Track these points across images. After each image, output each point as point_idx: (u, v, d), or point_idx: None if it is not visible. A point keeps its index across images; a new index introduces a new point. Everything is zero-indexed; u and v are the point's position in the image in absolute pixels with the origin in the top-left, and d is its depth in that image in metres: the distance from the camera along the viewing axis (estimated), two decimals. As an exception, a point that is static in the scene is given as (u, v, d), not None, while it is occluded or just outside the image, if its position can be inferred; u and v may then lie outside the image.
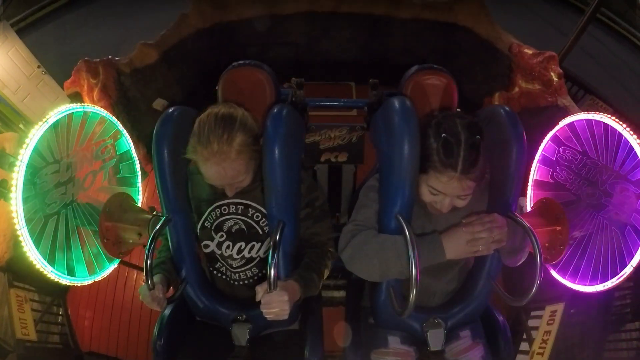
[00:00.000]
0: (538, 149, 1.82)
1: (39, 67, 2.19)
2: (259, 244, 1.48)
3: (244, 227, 1.47)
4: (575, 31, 3.06)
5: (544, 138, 1.79)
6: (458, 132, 1.22)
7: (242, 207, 1.46)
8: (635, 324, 2.54)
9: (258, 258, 1.50)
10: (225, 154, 1.27)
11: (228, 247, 1.49)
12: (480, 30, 3.25)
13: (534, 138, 1.77)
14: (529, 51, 3.08)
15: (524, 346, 2.65)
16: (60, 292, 2.42)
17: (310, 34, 3.56)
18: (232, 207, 1.47)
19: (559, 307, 2.58)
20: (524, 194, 1.84)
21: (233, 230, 1.48)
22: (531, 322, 2.88)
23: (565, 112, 2.90)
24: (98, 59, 3.09)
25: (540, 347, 2.58)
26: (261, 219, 1.46)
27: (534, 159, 1.83)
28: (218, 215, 1.48)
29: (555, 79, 3.01)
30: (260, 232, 1.47)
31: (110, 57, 3.17)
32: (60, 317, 2.47)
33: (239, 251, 1.48)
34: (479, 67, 3.49)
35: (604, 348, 2.55)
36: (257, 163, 1.39)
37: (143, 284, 1.35)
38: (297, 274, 1.39)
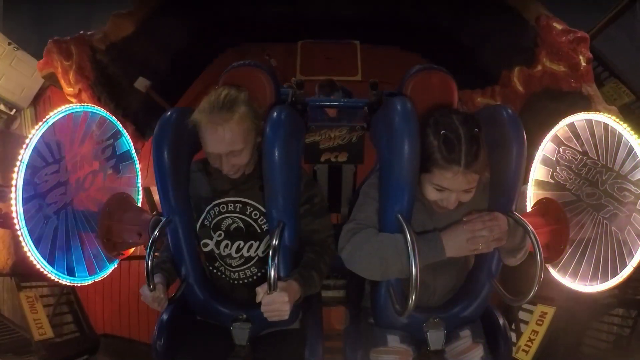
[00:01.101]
0: (538, 149, 1.82)
1: (9, 44, 2.00)
2: (257, 242, 1.48)
3: (242, 225, 1.47)
4: (613, 10, 2.71)
5: (554, 127, 1.76)
6: (456, 127, 1.23)
7: (240, 205, 1.47)
8: (618, 310, 2.56)
9: (257, 257, 1.50)
10: (227, 117, 1.33)
11: (226, 246, 1.49)
12: None
13: (549, 122, 1.73)
14: (559, 26, 2.66)
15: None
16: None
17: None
18: (231, 205, 1.48)
19: (550, 311, 2.59)
20: (525, 191, 1.84)
21: (231, 228, 1.48)
22: (521, 314, 2.90)
23: (588, 102, 2.67)
24: (69, 37, 2.75)
25: (526, 345, 2.61)
26: (259, 217, 1.47)
27: (534, 159, 1.83)
28: (217, 213, 1.48)
29: (583, 63, 2.66)
30: (259, 231, 1.47)
31: (82, 32, 2.82)
32: (72, 305, 2.48)
33: (238, 250, 1.49)
34: (501, 35, 3.05)
35: (586, 334, 2.56)
36: (257, 142, 1.41)
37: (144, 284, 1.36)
38: (297, 273, 1.39)
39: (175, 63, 3.32)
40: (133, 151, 1.93)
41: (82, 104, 1.68)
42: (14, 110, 1.84)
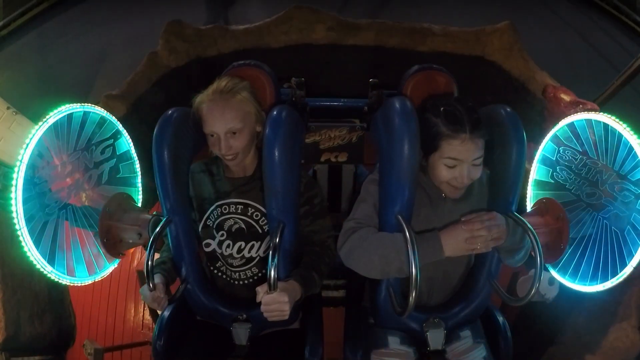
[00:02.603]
0: (538, 148, 1.82)
1: (8, 108, 2.01)
2: (259, 243, 1.49)
3: (243, 226, 1.48)
4: (624, 73, 2.50)
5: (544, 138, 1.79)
6: (453, 103, 1.31)
7: (242, 206, 1.48)
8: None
9: (258, 257, 1.50)
10: (228, 97, 1.39)
11: (228, 246, 1.49)
12: (511, 67, 2.69)
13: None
14: (567, 97, 2.47)
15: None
16: (60, 348, 2.26)
17: (308, 67, 2.84)
18: (232, 207, 1.49)
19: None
20: (524, 194, 1.84)
21: (233, 229, 1.49)
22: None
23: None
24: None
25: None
26: (260, 218, 1.48)
27: (534, 159, 1.83)
28: (219, 214, 1.49)
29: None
30: (260, 232, 1.48)
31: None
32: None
33: (239, 250, 1.49)
34: None
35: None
36: (256, 131, 1.45)
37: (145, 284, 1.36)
38: (297, 273, 1.40)
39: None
40: (133, 151, 1.93)
41: (82, 104, 1.68)
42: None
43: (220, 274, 1.55)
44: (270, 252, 1.27)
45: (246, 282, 1.53)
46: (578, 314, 1.89)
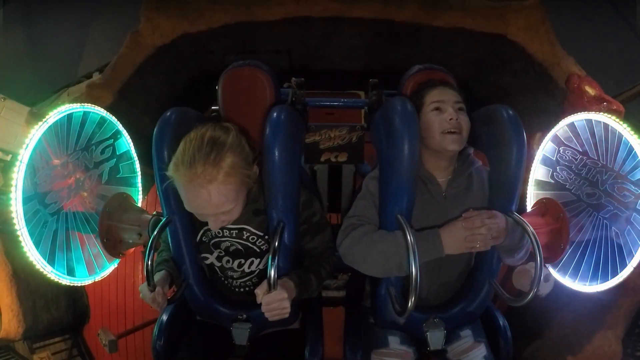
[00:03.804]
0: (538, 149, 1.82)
1: None
2: (259, 259, 1.47)
3: (241, 248, 1.44)
4: None
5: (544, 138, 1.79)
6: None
7: (236, 231, 1.41)
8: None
9: (258, 270, 1.49)
10: (211, 176, 1.13)
11: (228, 261, 1.47)
12: (535, 50, 2.40)
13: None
14: (591, 91, 2.21)
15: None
16: (76, 327, 2.32)
17: (308, 41, 2.65)
18: (226, 232, 1.41)
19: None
20: (524, 194, 1.84)
21: (230, 250, 1.45)
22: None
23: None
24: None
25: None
26: (257, 240, 1.43)
27: (533, 159, 1.83)
28: (214, 235, 1.44)
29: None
30: (258, 251, 1.45)
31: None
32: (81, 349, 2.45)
33: (239, 265, 1.47)
34: (524, 95, 2.60)
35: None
36: (249, 191, 1.30)
37: (144, 282, 1.33)
38: (294, 272, 1.38)
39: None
40: (133, 151, 1.93)
41: (82, 104, 1.68)
42: (10, 156, 1.87)
43: (221, 278, 1.54)
44: (270, 252, 1.27)
45: (246, 289, 1.52)
46: (567, 313, 1.88)
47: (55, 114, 1.54)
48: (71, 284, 1.63)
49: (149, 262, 1.30)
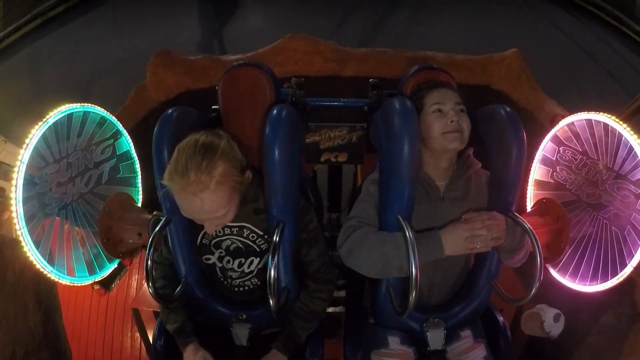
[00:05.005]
0: (538, 149, 1.82)
1: None
2: (258, 258, 1.47)
3: (241, 245, 1.45)
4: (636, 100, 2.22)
5: (544, 138, 1.79)
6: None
7: (237, 228, 1.42)
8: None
9: (257, 270, 1.49)
10: (203, 184, 1.17)
11: (228, 261, 1.48)
12: (518, 97, 2.58)
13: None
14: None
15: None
16: None
17: (306, 96, 2.45)
18: (227, 230, 1.43)
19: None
20: (524, 194, 1.84)
21: (231, 248, 1.46)
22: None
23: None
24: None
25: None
26: (257, 239, 1.44)
27: (534, 159, 1.83)
28: (215, 235, 1.45)
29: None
30: (258, 250, 1.46)
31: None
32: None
33: (240, 265, 1.48)
34: None
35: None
36: (242, 196, 1.32)
37: (190, 347, 1.42)
38: (279, 340, 1.47)
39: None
40: (133, 151, 1.93)
41: (82, 104, 1.68)
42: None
43: (220, 278, 1.54)
44: (270, 251, 1.26)
45: (245, 289, 1.53)
46: (582, 352, 1.86)
47: (55, 114, 1.54)
48: (71, 284, 1.63)
49: (149, 262, 1.31)
